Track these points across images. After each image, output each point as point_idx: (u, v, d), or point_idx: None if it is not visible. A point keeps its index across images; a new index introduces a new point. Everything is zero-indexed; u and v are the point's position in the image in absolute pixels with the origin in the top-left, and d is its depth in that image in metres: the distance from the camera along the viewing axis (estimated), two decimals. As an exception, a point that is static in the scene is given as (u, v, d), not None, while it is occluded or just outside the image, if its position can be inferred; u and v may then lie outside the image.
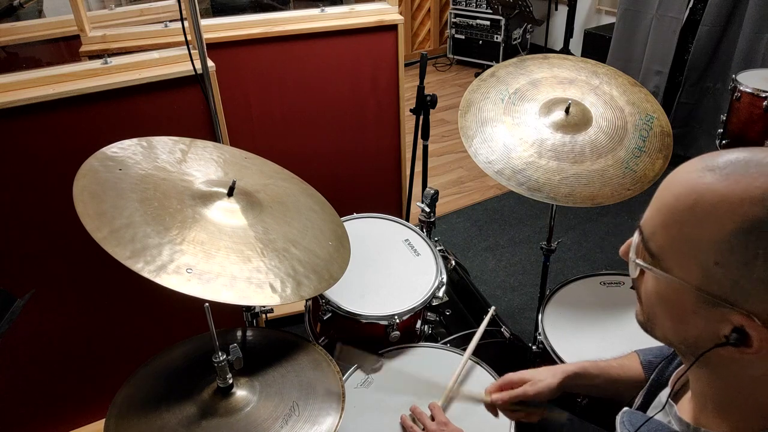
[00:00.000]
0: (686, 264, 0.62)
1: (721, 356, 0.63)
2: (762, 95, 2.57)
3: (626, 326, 1.47)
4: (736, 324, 0.60)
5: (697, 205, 0.61)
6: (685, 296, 0.63)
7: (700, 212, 0.60)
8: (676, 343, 0.70)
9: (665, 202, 0.65)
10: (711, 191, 0.60)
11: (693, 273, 0.62)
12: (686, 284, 0.62)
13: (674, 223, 0.63)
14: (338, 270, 1.21)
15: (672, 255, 0.64)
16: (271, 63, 2.01)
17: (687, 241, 0.62)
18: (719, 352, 0.63)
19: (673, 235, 0.63)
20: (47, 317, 1.71)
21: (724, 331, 0.61)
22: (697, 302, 0.62)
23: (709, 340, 0.63)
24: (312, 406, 1.08)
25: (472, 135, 1.54)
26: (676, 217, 0.63)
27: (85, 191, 1.04)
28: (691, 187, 0.62)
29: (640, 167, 1.47)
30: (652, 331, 0.72)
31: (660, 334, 0.71)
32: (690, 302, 0.63)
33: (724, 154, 0.62)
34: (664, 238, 0.64)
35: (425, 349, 1.44)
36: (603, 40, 3.98)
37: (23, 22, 2.04)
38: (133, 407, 1.07)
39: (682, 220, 0.62)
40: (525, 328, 2.32)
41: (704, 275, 0.61)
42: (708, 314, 0.62)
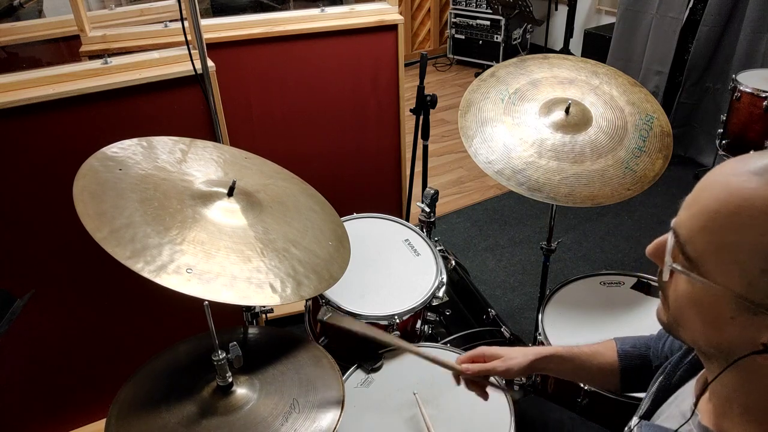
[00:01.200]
0: (728, 271, 0.60)
1: (756, 363, 0.63)
2: (762, 95, 2.58)
3: (626, 326, 1.48)
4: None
5: (743, 211, 0.59)
6: (723, 302, 0.62)
7: (746, 218, 0.59)
8: (704, 347, 0.69)
9: (705, 205, 0.62)
10: (758, 197, 0.58)
11: (735, 280, 0.60)
12: (727, 291, 0.61)
13: (717, 228, 0.61)
14: (338, 270, 1.21)
15: (712, 261, 0.62)
16: (272, 63, 2.01)
17: (730, 248, 0.60)
18: (755, 359, 0.62)
19: (714, 240, 0.61)
20: (47, 317, 1.71)
21: (763, 338, 0.60)
22: (737, 309, 0.61)
23: (745, 346, 0.62)
24: (312, 403, 1.08)
25: (472, 135, 1.54)
26: (719, 222, 0.61)
27: (85, 191, 1.04)
28: (735, 192, 0.60)
29: (640, 167, 1.47)
30: (676, 333, 0.71)
31: (687, 337, 0.70)
32: (728, 309, 0.61)
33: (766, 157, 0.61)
34: (704, 243, 0.62)
35: (425, 349, 1.44)
36: (603, 40, 3.98)
37: (23, 22, 2.04)
38: (133, 407, 1.07)
39: (726, 226, 0.60)
40: (525, 328, 2.32)
41: (748, 283, 0.59)
42: (747, 321, 0.60)
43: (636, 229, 2.97)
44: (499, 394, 1.29)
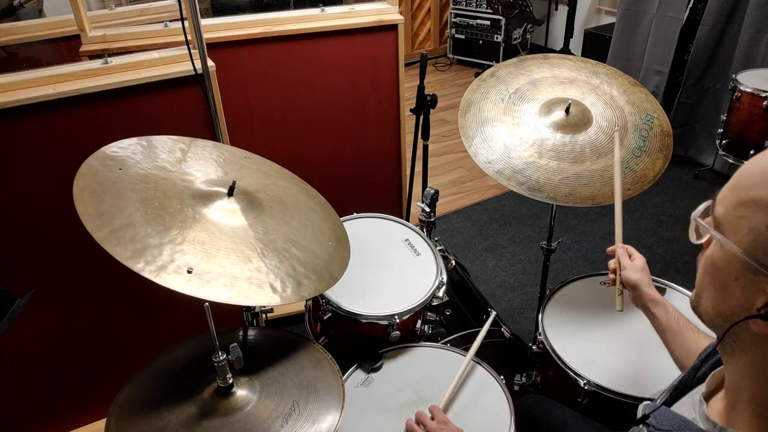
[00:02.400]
0: (740, 226, 0.63)
1: (753, 337, 0.64)
2: (762, 95, 2.58)
3: (626, 326, 1.47)
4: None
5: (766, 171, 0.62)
6: (732, 262, 0.64)
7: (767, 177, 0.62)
8: (714, 318, 0.70)
9: (744, 168, 0.66)
10: None
11: (743, 236, 0.62)
12: (735, 247, 0.63)
13: (743, 185, 0.64)
14: (338, 270, 1.21)
15: (731, 217, 0.64)
16: (271, 63, 2.01)
17: (747, 203, 0.63)
18: (751, 330, 0.63)
19: (738, 197, 0.64)
20: (47, 317, 1.71)
21: (759, 303, 0.62)
22: (741, 269, 0.63)
23: (743, 312, 0.64)
24: (312, 405, 1.08)
25: (472, 135, 1.54)
26: (747, 179, 0.64)
27: (85, 191, 1.04)
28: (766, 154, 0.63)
29: (640, 167, 1.47)
30: (698, 309, 0.73)
31: (703, 310, 0.72)
32: (735, 268, 0.64)
33: None
34: (729, 200, 0.65)
35: (425, 349, 1.44)
36: (603, 40, 3.98)
37: (23, 22, 2.04)
38: (133, 407, 1.07)
39: (750, 183, 0.63)
40: (525, 328, 2.32)
41: (754, 239, 0.61)
42: (748, 283, 0.63)
43: (636, 229, 2.97)
44: (500, 394, 1.29)
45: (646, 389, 1.28)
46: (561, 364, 1.38)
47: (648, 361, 1.38)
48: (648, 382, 1.32)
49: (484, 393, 1.30)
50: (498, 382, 1.32)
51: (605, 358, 1.40)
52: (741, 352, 0.68)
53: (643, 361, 1.39)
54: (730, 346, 0.69)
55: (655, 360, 1.37)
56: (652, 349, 1.40)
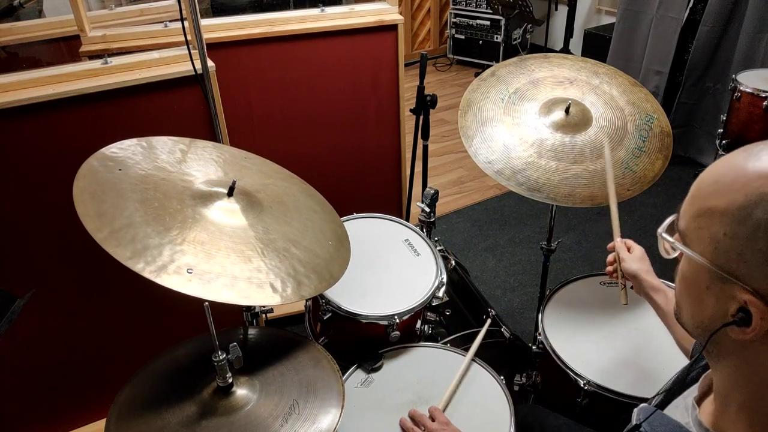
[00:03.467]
0: (702, 237, 0.63)
1: (734, 343, 0.64)
2: (762, 95, 2.58)
3: (626, 326, 1.48)
4: (741, 302, 0.60)
5: (720, 180, 0.63)
6: (701, 273, 0.65)
7: (721, 186, 0.62)
8: (695, 328, 0.71)
9: (699, 179, 0.66)
10: (736, 167, 0.62)
11: (706, 246, 0.63)
12: (700, 258, 0.63)
13: (699, 197, 0.65)
14: (338, 270, 1.21)
15: (692, 229, 0.65)
16: (272, 63, 2.01)
17: (704, 214, 0.63)
18: (730, 337, 0.63)
19: (696, 208, 0.65)
20: (47, 317, 1.71)
21: (732, 310, 0.62)
22: (710, 278, 0.63)
23: (719, 320, 0.64)
24: (312, 405, 1.08)
25: (472, 135, 1.54)
26: (702, 191, 0.65)
27: (85, 192, 1.04)
28: (722, 165, 0.64)
29: (639, 167, 1.47)
30: (680, 320, 0.73)
31: (684, 321, 0.72)
32: (704, 278, 0.64)
33: None
34: (689, 214, 0.66)
35: (425, 349, 1.44)
36: (603, 40, 3.98)
37: (23, 22, 2.04)
38: (133, 407, 1.07)
39: (705, 194, 0.64)
40: (525, 328, 2.32)
41: (715, 248, 0.62)
42: (719, 291, 0.63)
43: (636, 229, 2.97)
44: (500, 394, 1.29)
45: (645, 389, 1.28)
46: (561, 364, 1.38)
47: (648, 361, 1.38)
48: (648, 381, 1.32)
49: (484, 393, 1.30)
50: (498, 382, 1.32)
51: (605, 358, 1.40)
52: (724, 358, 0.68)
53: (643, 361, 1.39)
54: (714, 353, 0.69)
55: (655, 360, 1.37)
56: (652, 349, 1.40)
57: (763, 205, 0.58)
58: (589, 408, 1.34)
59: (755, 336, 0.61)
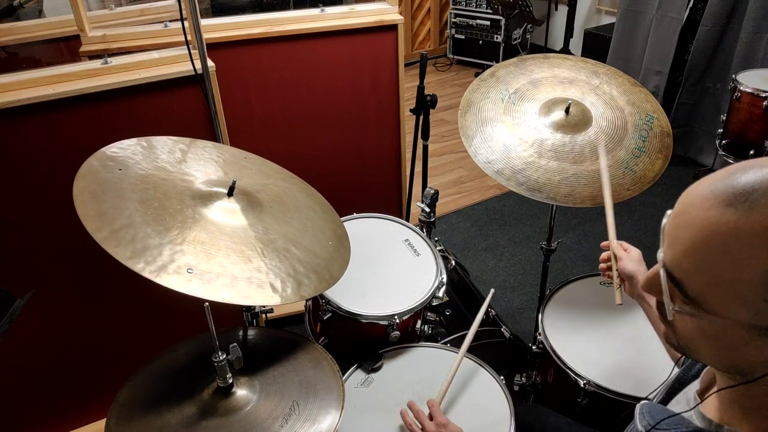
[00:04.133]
0: (732, 304, 0.60)
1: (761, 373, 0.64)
2: (762, 95, 2.58)
3: (626, 326, 1.48)
4: None
5: (731, 249, 0.59)
6: (734, 332, 0.62)
7: (735, 254, 0.59)
8: (722, 368, 0.69)
9: (692, 245, 0.62)
10: (741, 232, 0.58)
11: (741, 312, 0.60)
12: (735, 322, 0.61)
13: (710, 267, 0.61)
14: (338, 270, 1.21)
15: (714, 297, 0.62)
16: (272, 63, 2.01)
17: (728, 284, 0.60)
18: None
19: (710, 279, 0.61)
20: (47, 317, 1.71)
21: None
22: (750, 335, 0.61)
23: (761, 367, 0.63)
24: (312, 405, 1.08)
25: (471, 135, 1.54)
26: (711, 261, 0.61)
27: (85, 191, 1.04)
28: (717, 230, 0.60)
29: (639, 167, 1.47)
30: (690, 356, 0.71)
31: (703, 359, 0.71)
32: (741, 337, 0.62)
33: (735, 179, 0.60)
34: (702, 282, 0.62)
35: (425, 349, 1.44)
36: (603, 40, 3.98)
37: (23, 22, 2.04)
38: (133, 407, 1.07)
39: (719, 264, 0.60)
40: (525, 328, 2.32)
41: (756, 312, 0.59)
42: (762, 344, 0.61)
43: (636, 229, 2.97)
44: (500, 394, 1.29)
45: (645, 389, 1.28)
46: (561, 364, 1.38)
47: (648, 361, 1.38)
48: (648, 381, 1.32)
49: (484, 393, 1.30)
50: (498, 382, 1.32)
51: (605, 358, 1.40)
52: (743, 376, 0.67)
53: (643, 360, 1.39)
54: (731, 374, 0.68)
55: (655, 360, 1.37)
56: (652, 349, 1.40)
57: None
58: (589, 408, 1.34)
59: None
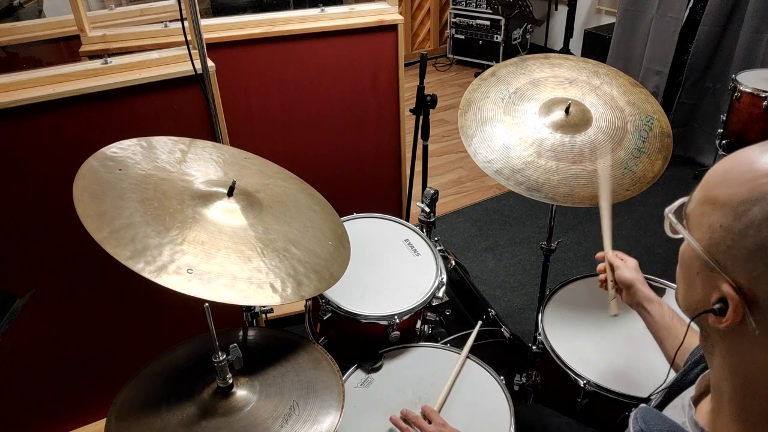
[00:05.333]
0: (702, 223, 0.64)
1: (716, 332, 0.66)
2: (762, 95, 2.58)
3: (626, 326, 1.48)
4: (723, 293, 0.62)
5: (730, 171, 0.63)
6: (694, 257, 0.66)
7: (728, 177, 0.63)
8: (684, 309, 0.72)
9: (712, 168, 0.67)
10: (748, 162, 0.62)
11: (703, 233, 0.64)
12: (696, 243, 0.65)
13: (707, 185, 0.66)
14: (338, 270, 1.21)
15: (695, 215, 0.66)
16: (271, 63, 2.01)
17: (708, 201, 0.64)
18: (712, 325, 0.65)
19: (702, 195, 0.66)
20: (47, 317, 1.71)
21: (714, 298, 0.64)
22: (701, 265, 0.65)
23: (702, 306, 0.66)
24: (312, 406, 1.08)
25: (471, 134, 1.54)
26: (711, 180, 0.66)
27: (85, 192, 1.04)
28: (736, 156, 0.64)
29: (639, 168, 1.47)
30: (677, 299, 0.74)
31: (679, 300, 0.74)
32: (696, 264, 0.66)
33: None
34: (696, 199, 0.67)
35: (425, 349, 1.44)
36: (603, 40, 3.98)
37: (23, 22, 2.04)
38: (133, 407, 1.07)
39: (713, 183, 0.65)
40: (525, 328, 2.32)
41: (710, 236, 0.63)
42: (706, 279, 0.65)
43: (636, 229, 2.97)
44: (499, 394, 1.29)
45: (645, 389, 1.28)
46: (561, 364, 1.38)
47: (648, 361, 1.38)
48: (648, 382, 1.32)
49: (483, 393, 1.30)
50: (498, 382, 1.32)
51: (605, 358, 1.40)
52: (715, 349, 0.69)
53: (643, 361, 1.39)
54: (708, 344, 0.71)
55: (654, 360, 1.37)
56: (652, 349, 1.40)
57: (762, 204, 0.58)
58: (589, 408, 1.34)
59: (727, 328, 0.62)
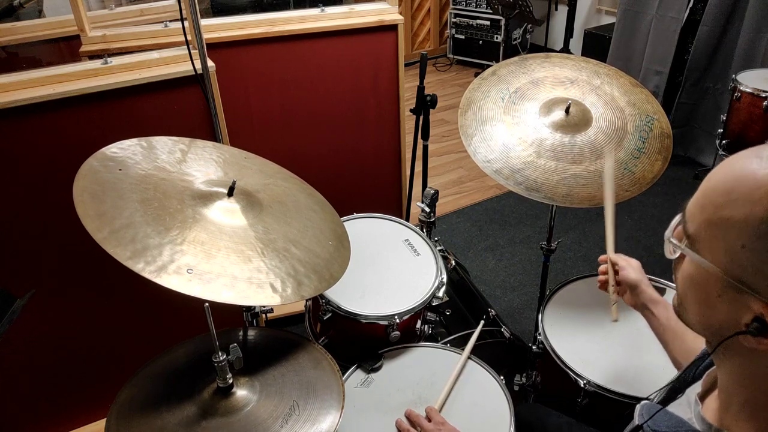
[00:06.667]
0: (716, 247, 0.62)
1: (743, 347, 0.64)
2: (762, 95, 2.58)
3: (627, 326, 1.48)
4: (757, 312, 0.60)
5: (735, 189, 0.61)
6: (712, 280, 0.64)
7: (736, 195, 0.61)
8: (701, 330, 0.71)
9: (708, 184, 0.65)
10: (752, 176, 0.60)
11: (721, 256, 0.62)
12: (713, 267, 0.63)
13: (711, 204, 0.63)
14: (338, 270, 1.21)
15: (704, 237, 0.64)
16: (271, 63, 2.01)
17: (719, 224, 0.62)
18: (741, 342, 0.63)
19: (708, 216, 0.63)
20: (47, 317, 1.71)
21: (746, 319, 0.62)
22: (723, 287, 0.63)
23: (731, 327, 0.63)
24: (312, 406, 1.08)
25: (471, 133, 1.54)
26: (714, 198, 0.63)
27: (85, 192, 1.04)
28: (734, 171, 0.62)
29: (638, 168, 1.47)
30: (683, 316, 0.73)
31: (689, 319, 0.72)
32: (716, 286, 0.63)
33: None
34: (700, 220, 0.65)
35: (425, 349, 1.44)
36: (603, 40, 3.98)
37: (23, 22, 2.04)
38: (133, 407, 1.07)
39: (719, 203, 0.62)
40: (525, 328, 2.32)
41: (731, 259, 0.61)
42: (732, 300, 0.62)
43: (636, 229, 2.97)
44: (499, 394, 1.29)
45: (646, 389, 1.28)
46: (561, 364, 1.38)
47: (648, 360, 1.38)
48: (648, 382, 1.32)
49: (484, 393, 1.30)
50: (498, 382, 1.32)
51: (605, 358, 1.40)
52: (731, 358, 0.68)
53: (644, 361, 1.39)
54: (722, 354, 0.69)
55: (655, 360, 1.37)
56: (652, 349, 1.40)
57: None
58: (589, 408, 1.34)
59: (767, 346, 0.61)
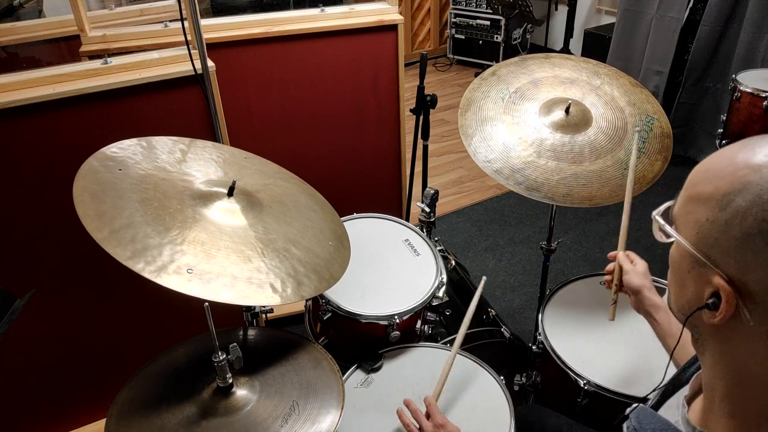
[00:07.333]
0: (688, 221, 0.65)
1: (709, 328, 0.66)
2: (762, 95, 2.57)
3: (626, 326, 1.48)
4: (715, 287, 0.62)
5: (711, 168, 0.64)
6: (684, 256, 0.66)
7: (710, 173, 0.64)
8: (677, 313, 0.72)
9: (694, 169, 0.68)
10: (728, 156, 0.63)
11: (691, 231, 0.65)
12: (684, 242, 0.65)
13: (690, 182, 0.67)
14: (338, 270, 1.21)
15: (681, 214, 0.67)
16: (271, 63, 2.01)
17: (693, 199, 0.65)
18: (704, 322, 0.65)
19: (686, 194, 0.67)
20: (47, 317, 1.71)
21: (707, 294, 0.64)
22: (691, 262, 0.65)
23: (696, 304, 0.66)
24: (312, 406, 1.08)
25: (471, 133, 1.54)
26: (693, 178, 0.67)
27: (85, 192, 1.04)
28: (718, 154, 0.65)
29: (638, 168, 1.47)
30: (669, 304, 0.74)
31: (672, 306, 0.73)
32: (687, 262, 0.66)
33: None
34: (681, 198, 0.68)
35: (425, 349, 1.44)
36: (603, 40, 3.98)
37: (23, 22, 2.04)
38: (133, 407, 1.07)
39: (696, 181, 0.66)
40: (525, 328, 2.32)
41: (697, 232, 0.63)
42: (698, 276, 0.65)
43: (636, 229, 2.96)
44: (499, 394, 1.29)
45: (645, 389, 1.28)
46: (561, 364, 1.38)
47: (648, 361, 1.38)
48: (648, 381, 1.32)
49: (483, 393, 1.30)
50: (498, 382, 1.32)
51: (605, 358, 1.40)
52: (707, 346, 0.69)
53: (644, 361, 1.39)
54: (700, 344, 0.71)
55: (655, 360, 1.37)
56: (652, 349, 1.40)
57: (744, 194, 0.59)
58: (589, 408, 1.34)
59: (721, 320, 0.62)
